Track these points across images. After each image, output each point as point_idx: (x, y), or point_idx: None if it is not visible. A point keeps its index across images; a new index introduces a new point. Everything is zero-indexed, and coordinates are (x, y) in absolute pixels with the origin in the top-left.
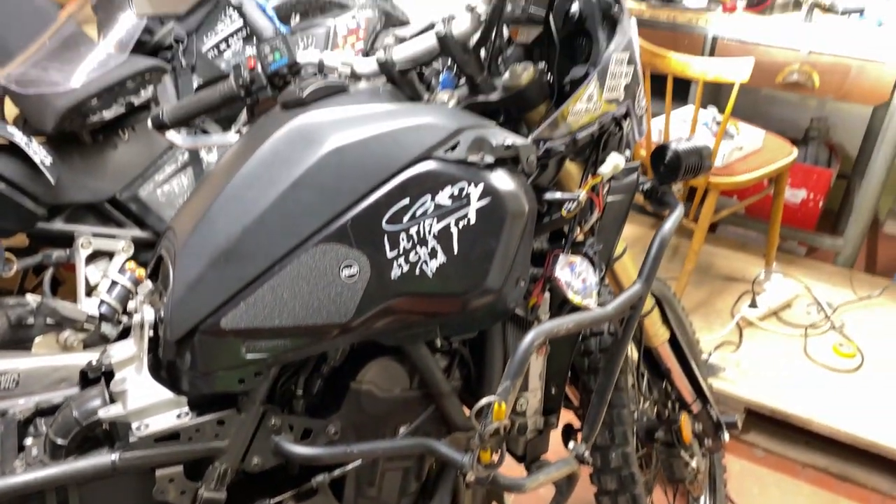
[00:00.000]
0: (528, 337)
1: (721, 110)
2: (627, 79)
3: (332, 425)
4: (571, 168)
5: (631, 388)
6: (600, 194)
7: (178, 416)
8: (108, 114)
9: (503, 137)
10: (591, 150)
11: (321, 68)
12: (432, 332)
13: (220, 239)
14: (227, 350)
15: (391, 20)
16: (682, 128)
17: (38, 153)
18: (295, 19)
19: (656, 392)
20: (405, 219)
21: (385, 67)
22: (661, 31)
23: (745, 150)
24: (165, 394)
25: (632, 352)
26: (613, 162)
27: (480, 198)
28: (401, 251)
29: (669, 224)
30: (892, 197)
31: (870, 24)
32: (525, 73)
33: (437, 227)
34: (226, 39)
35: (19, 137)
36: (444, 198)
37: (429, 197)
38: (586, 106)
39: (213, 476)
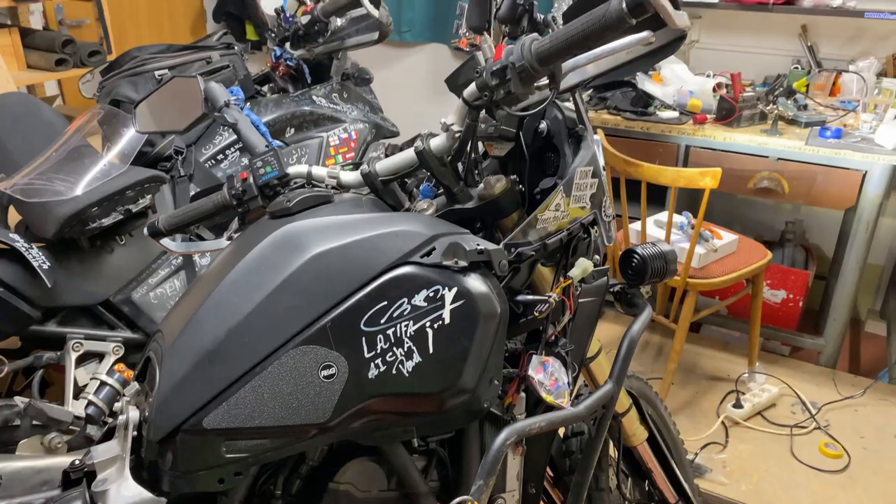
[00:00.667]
0: (501, 436)
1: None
2: (593, 189)
3: None
4: (544, 272)
5: (614, 488)
6: (571, 296)
7: None
8: (106, 221)
9: (476, 243)
10: (562, 254)
11: (309, 180)
12: (409, 432)
13: (206, 341)
14: (208, 450)
15: (381, 132)
16: (659, 232)
17: (38, 258)
18: (289, 132)
19: (638, 493)
20: (383, 320)
21: (368, 179)
22: (638, 141)
23: (721, 253)
24: (146, 495)
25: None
26: (582, 266)
27: (454, 300)
28: (378, 352)
29: (638, 325)
30: (871, 297)
31: (831, 134)
32: (498, 183)
33: (413, 328)
34: (223, 151)
35: (20, 243)
36: (420, 300)
37: (405, 299)
38: (554, 214)
39: None
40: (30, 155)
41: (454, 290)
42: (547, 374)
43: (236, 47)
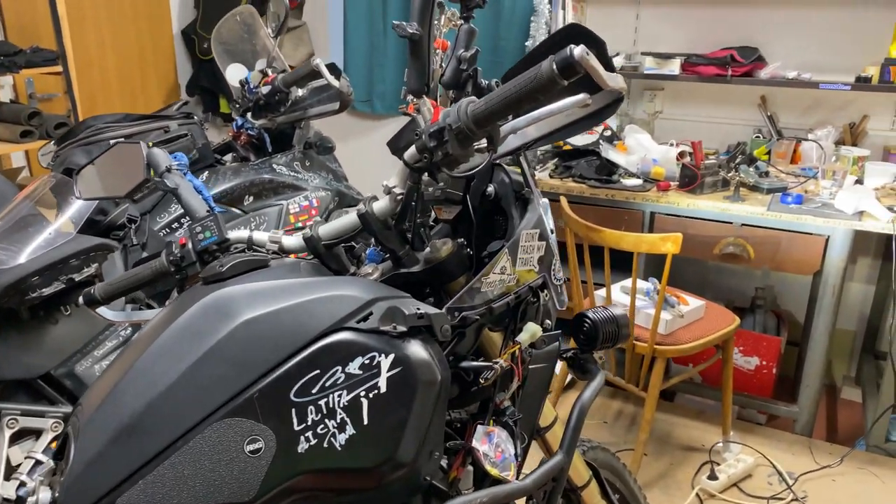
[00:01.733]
0: None
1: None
2: (540, 252)
3: None
4: (494, 337)
5: None
6: (519, 362)
7: None
8: (47, 290)
9: (416, 307)
10: (510, 319)
11: (250, 245)
12: None
13: (124, 414)
14: None
15: (345, 200)
16: (626, 298)
17: None
18: (248, 200)
19: None
20: (314, 390)
21: (311, 243)
22: (604, 209)
23: (688, 319)
24: None
25: None
26: (530, 331)
27: (391, 367)
28: (309, 424)
29: (589, 392)
30: (845, 363)
31: (792, 200)
32: (444, 247)
33: (346, 398)
34: (178, 220)
35: None
36: (354, 368)
37: (339, 368)
38: (500, 277)
39: None
40: None
41: (391, 356)
42: (492, 445)
43: (196, 117)
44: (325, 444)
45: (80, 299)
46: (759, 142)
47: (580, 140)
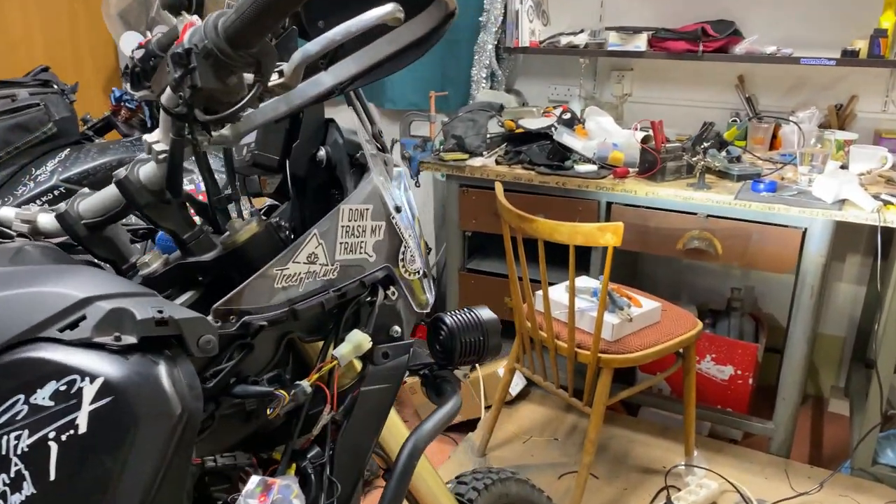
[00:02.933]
0: None
1: (624, 280)
2: (378, 236)
3: None
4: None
5: None
6: (334, 385)
7: None
8: None
9: (158, 309)
10: (333, 326)
11: None
12: None
13: None
14: None
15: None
16: (576, 299)
17: None
18: None
19: None
20: None
21: (66, 222)
22: (556, 199)
23: (640, 324)
24: None
25: None
26: (354, 341)
27: (97, 397)
28: None
29: (430, 424)
30: (834, 372)
31: (764, 187)
32: (245, 228)
33: (28, 441)
34: (27, 203)
35: None
36: (43, 397)
37: (22, 396)
38: (308, 268)
39: None
40: None
41: (98, 380)
42: (273, 503)
43: (57, 86)
44: None
45: None
46: (733, 124)
47: (534, 123)
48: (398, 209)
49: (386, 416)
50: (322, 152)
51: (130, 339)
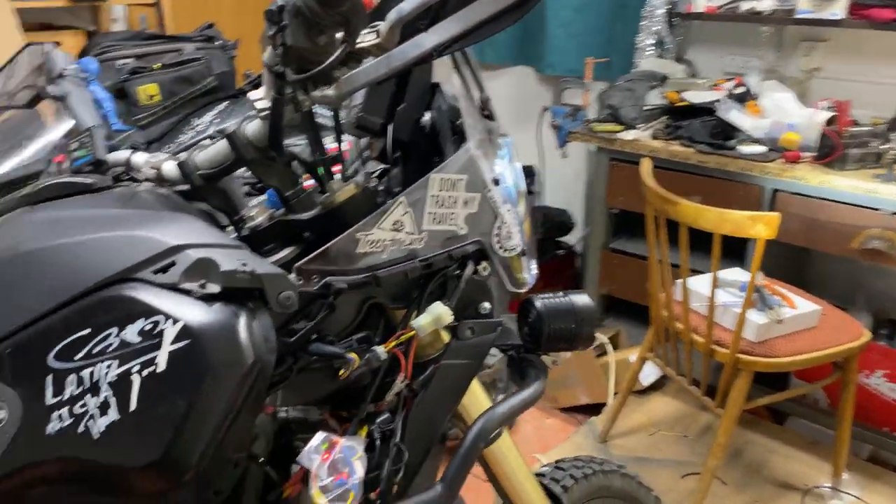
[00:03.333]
0: None
1: (789, 278)
2: (471, 208)
3: None
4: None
5: None
6: (410, 355)
7: None
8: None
9: (243, 262)
10: (418, 295)
11: (128, 168)
12: None
13: None
14: None
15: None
16: (721, 293)
17: None
18: None
19: None
20: (79, 355)
21: (185, 170)
22: (714, 181)
23: (791, 327)
24: None
25: None
26: (434, 314)
27: (176, 339)
28: (65, 399)
29: (504, 407)
30: None
31: None
32: (343, 189)
33: (116, 371)
34: (185, 150)
35: None
36: (132, 333)
37: (115, 330)
38: (394, 236)
39: None
40: None
41: (179, 324)
42: (334, 461)
43: (219, 42)
44: (81, 429)
45: None
46: None
47: (699, 96)
48: (496, 182)
49: (463, 391)
50: (427, 117)
51: (214, 288)
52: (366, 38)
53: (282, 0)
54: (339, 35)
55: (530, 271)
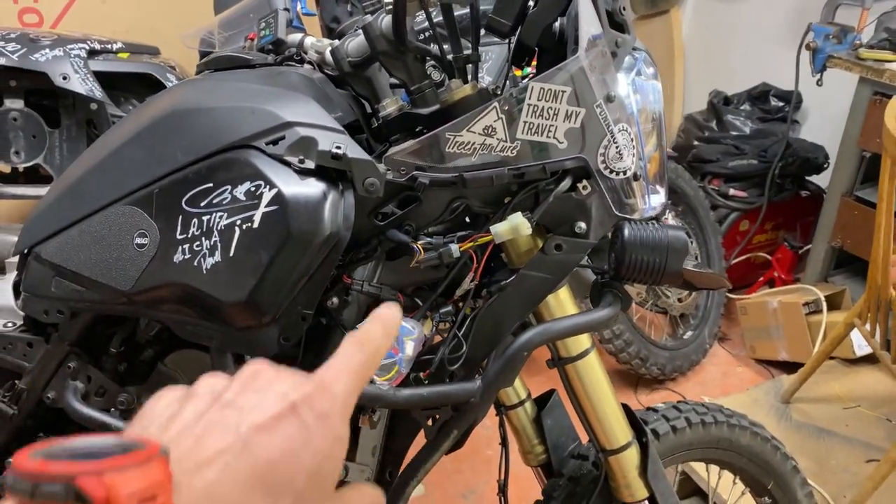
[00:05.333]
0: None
1: None
2: (573, 122)
3: (126, 395)
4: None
5: None
6: (483, 258)
7: (5, 325)
8: None
9: (338, 145)
10: (508, 202)
11: (300, 49)
12: (215, 340)
13: (74, 175)
14: (40, 278)
15: None
16: None
17: None
18: None
19: None
20: (202, 203)
21: (336, 56)
22: None
23: None
24: (11, 302)
25: None
26: (512, 224)
27: (270, 203)
28: (189, 236)
29: (563, 324)
30: None
31: None
32: (459, 88)
33: (224, 221)
34: None
35: (172, 83)
36: (240, 192)
37: (229, 187)
38: (483, 140)
39: (12, 390)
40: None
41: (274, 191)
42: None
43: None
44: (195, 263)
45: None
46: None
47: None
48: (610, 98)
49: (535, 304)
50: (557, 24)
51: (310, 164)
52: None
53: None
54: None
55: (648, 198)
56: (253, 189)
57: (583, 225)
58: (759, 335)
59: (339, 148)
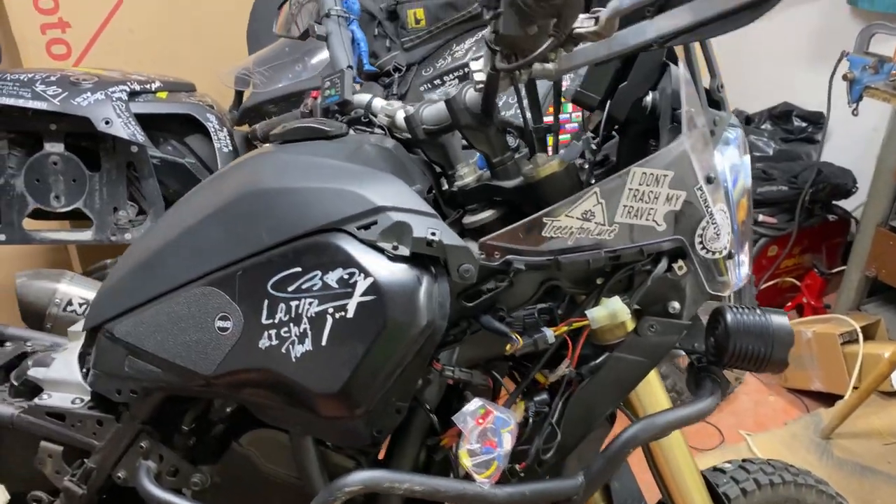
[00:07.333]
0: None
1: None
2: (674, 205)
3: (200, 475)
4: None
5: None
6: (579, 345)
7: (73, 402)
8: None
9: (432, 231)
10: (602, 285)
11: (367, 111)
12: (299, 426)
13: (148, 249)
14: (113, 357)
15: None
16: None
17: (221, 140)
18: None
19: None
20: (290, 288)
21: (410, 124)
22: None
23: None
24: (77, 377)
25: None
26: (610, 309)
27: (365, 293)
28: (276, 322)
29: (667, 418)
30: None
31: None
32: (547, 164)
33: (315, 308)
34: (441, 76)
35: (213, 123)
36: (332, 279)
37: (319, 273)
38: (582, 224)
39: (80, 469)
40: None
41: (369, 280)
42: (486, 429)
43: None
44: (283, 350)
45: (248, 134)
46: None
47: None
48: (710, 180)
49: (630, 388)
50: (649, 98)
51: (404, 251)
52: (584, 24)
53: None
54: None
55: (736, 273)
56: (346, 276)
57: (676, 305)
58: (792, 364)
59: (434, 234)
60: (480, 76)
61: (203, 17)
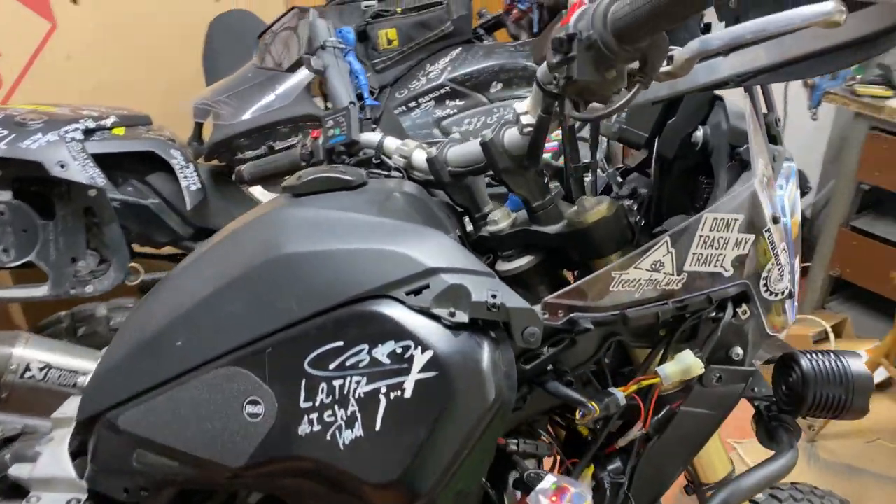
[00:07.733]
0: None
1: None
2: (741, 250)
3: None
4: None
5: None
6: (651, 404)
7: (69, 503)
8: (250, 154)
9: (492, 293)
10: (667, 337)
11: (379, 152)
12: None
13: (151, 326)
14: (118, 451)
15: None
16: None
17: (189, 178)
18: (496, 87)
19: None
20: (332, 366)
21: (434, 166)
22: None
23: None
24: (71, 474)
25: None
26: (684, 364)
27: (425, 368)
28: (316, 404)
29: (754, 479)
30: None
31: None
32: (595, 208)
33: (364, 388)
34: (416, 98)
35: (178, 160)
36: (383, 353)
37: (366, 347)
38: (650, 276)
39: None
40: (232, 72)
41: (428, 353)
42: None
43: None
44: (328, 436)
45: (233, 176)
46: None
47: None
48: (776, 219)
49: (702, 444)
50: (699, 133)
51: (463, 318)
52: None
53: (574, 28)
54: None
55: (792, 312)
56: (400, 351)
57: (739, 351)
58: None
59: (494, 296)
60: (528, 119)
61: (149, 39)
